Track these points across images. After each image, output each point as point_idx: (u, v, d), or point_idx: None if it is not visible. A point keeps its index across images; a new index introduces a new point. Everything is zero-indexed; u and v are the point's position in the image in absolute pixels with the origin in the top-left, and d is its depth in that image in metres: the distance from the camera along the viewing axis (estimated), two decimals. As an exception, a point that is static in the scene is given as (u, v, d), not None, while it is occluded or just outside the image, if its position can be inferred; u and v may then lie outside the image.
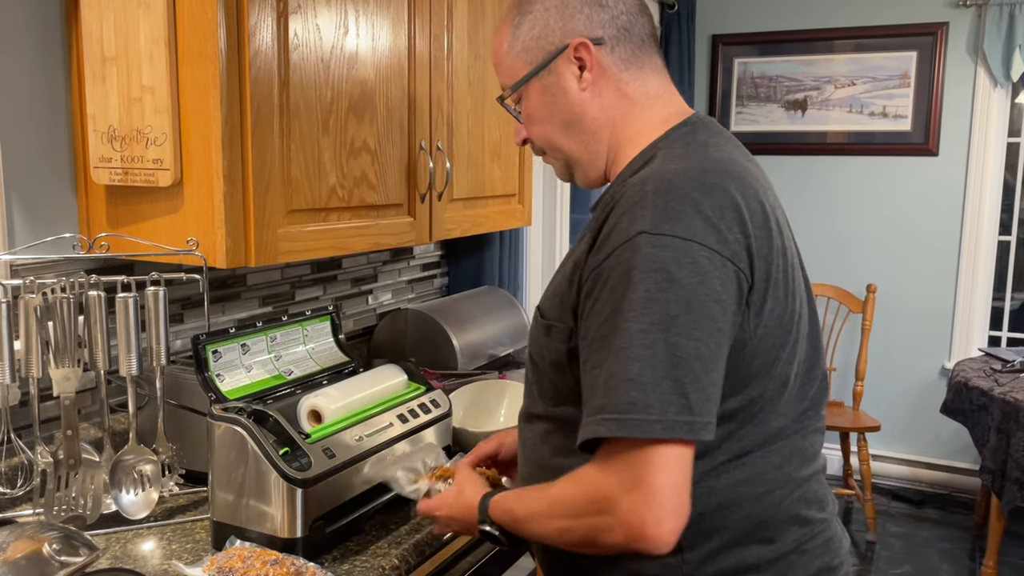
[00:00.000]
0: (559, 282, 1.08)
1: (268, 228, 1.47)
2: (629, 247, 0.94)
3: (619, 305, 0.93)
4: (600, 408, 0.93)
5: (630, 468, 0.91)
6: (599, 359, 0.95)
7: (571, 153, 1.16)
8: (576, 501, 0.98)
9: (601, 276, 0.97)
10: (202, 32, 1.37)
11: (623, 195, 1.00)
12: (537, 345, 1.11)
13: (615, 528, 0.92)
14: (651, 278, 0.92)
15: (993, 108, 3.86)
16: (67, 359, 1.39)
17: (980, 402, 3.17)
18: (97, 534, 1.39)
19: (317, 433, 1.39)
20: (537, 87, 1.14)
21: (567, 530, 0.99)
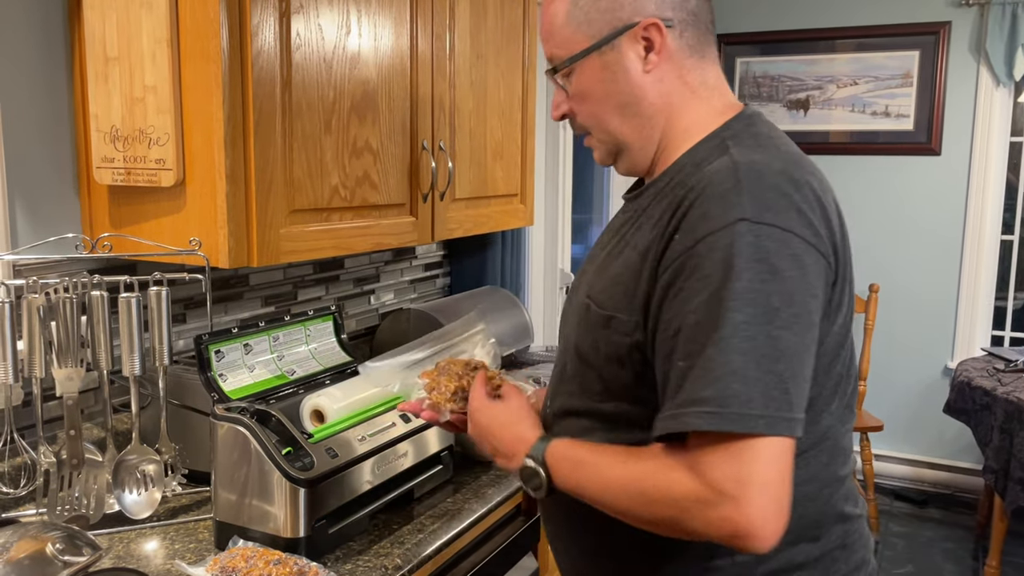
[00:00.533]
0: (619, 272, 1.03)
1: (270, 228, 1.47)
2: (727, 234, 0.91)
3: (719, 294, 0.89)
4: (696, 400, 0.88)
5: (735, 464, 0.87)
6: (691, 349, 0.90)
7: (622, 137, 1.10)
8: (670, 489, 0.91)
9: (690, 263, 0.92)
10: (204, 32, 1.37)
11: (705, 181, 0.96)
12: (589, 337, 1.05)
13: (713, 522, 0.88)
14: (754, 268, 0.89)
15: (995, 107, 3.85)
16: (70, 359, 1.40)
17: (983, 402, 3.17)
18: (100, 534, 1.39)
19: (320, 433, 1.40)
20: (596, 63, 1.07)
21: (646, 509, 0.94)
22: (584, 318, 1.07)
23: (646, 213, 1.05)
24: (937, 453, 4.14)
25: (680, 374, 0.91)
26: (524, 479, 1.07)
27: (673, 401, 0.91)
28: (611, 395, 1.05)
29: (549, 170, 3.25)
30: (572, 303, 1.16)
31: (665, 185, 1.05)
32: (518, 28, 2.19)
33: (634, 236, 1.05)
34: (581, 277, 1.17)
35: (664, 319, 0.95)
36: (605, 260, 1.09)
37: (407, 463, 1.53)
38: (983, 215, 3.93)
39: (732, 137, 1.04)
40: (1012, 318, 4.07)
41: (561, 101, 1.13)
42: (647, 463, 0.95)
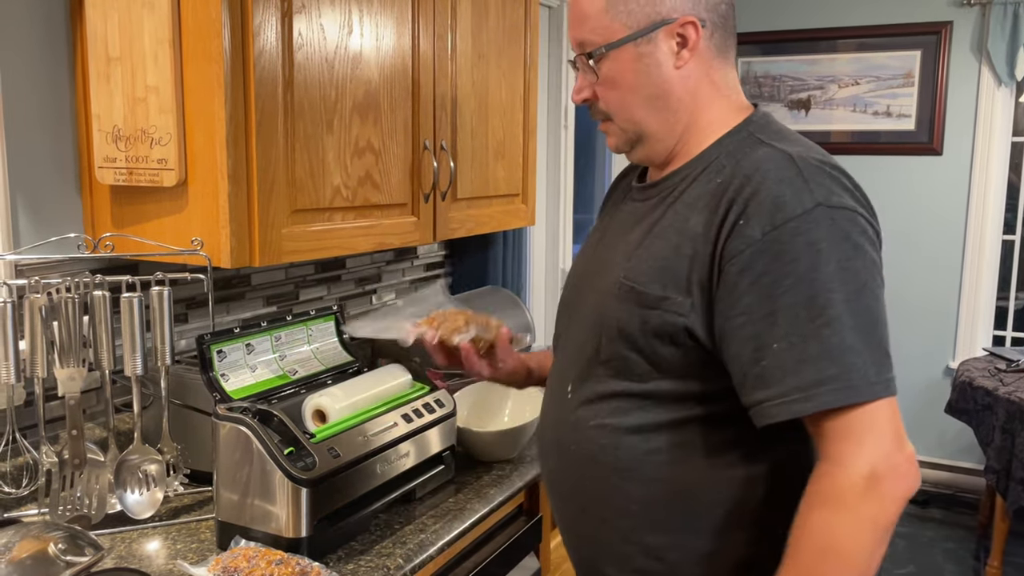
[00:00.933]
0: (665, 256, 1.07)
1: (272, 228, 1.47)
2: (808, 220, 0.97)
3: (813, 276, 0.96)
4: (824, 379, 0.95)
5: (871, 430, 0.96)
6: (796, 331, 0.96)
7: (646, 127, 1.14)
8: (849, 492, 0.96)
9: (773, 248, 0.97)
10: (206, 32, 1.37)
11: (759, 170, 1.02)
12: (636, 317, 1.07)
13: (898, 483, 0.97)
14: (840, 248, 0.97)
15: (997, 107, 3.85)
16: (72, 359, 1.40)
17: (985, 402, 3.16)
18: (102, 534, 1.39)
19: (322, 433, 1.39)
20: (632, 53, 1.10)
21: (873, 545, 0.97)
22: (626, 299, 1.09)
23: (680, 199, 1.10)
24: (938, 453, 4.14)
25: (789, 356, 0.97)
26: None
27: (787, 384, 0.97)
28: (654, 374, 1.08)
29: (550, 170, 3.25)
30: (597, 286, 1.17)
31: (699, 172, 1.10)
32: (520, 28, 2.19)
33: (672, 219, 1.09)
34: (599, 261, 1.20)
35: (743, 302, 0.99)
36: (641, 243, 1.12)
37: (409, 463, 1.53)
38: (984, 215, 3.93)
39: (759, 131, 1.10)
40: (1013, 318, 4.07)
41: (585, 86, 1.16)
42: (810, 528, 0.98)
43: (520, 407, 1.86)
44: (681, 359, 1.06)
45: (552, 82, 3.17)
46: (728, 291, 1.00)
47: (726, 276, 1.00)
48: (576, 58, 1.16)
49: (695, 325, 1.04)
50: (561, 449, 1.20)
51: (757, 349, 0.98)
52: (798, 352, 0.96)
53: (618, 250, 1.16)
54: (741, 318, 0.99)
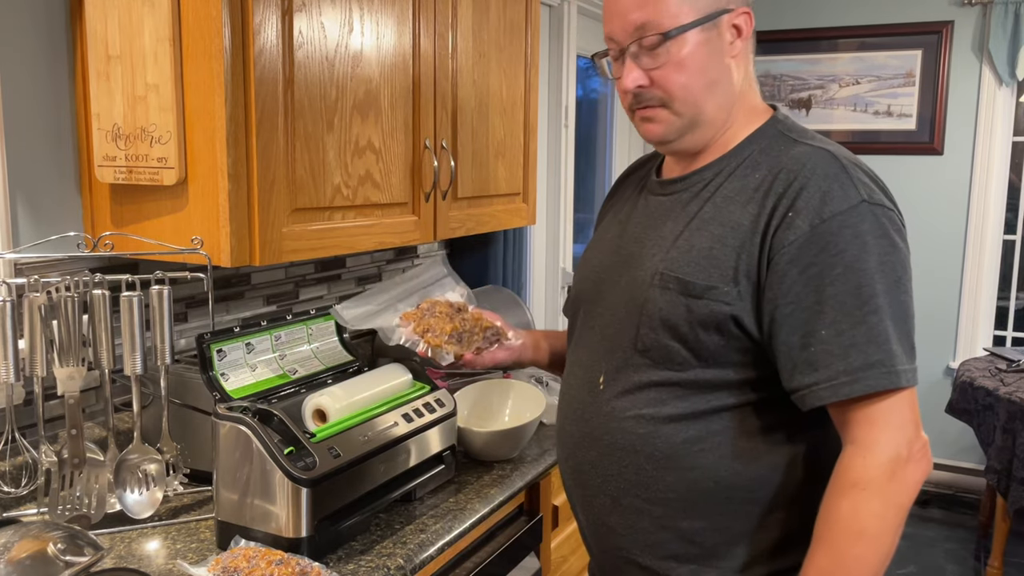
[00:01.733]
0: (709, 246, 1.10)
1: (273, 227, 1.46)
2: (854, 215, 1.03)
3: (860, 267, 1.02)
4: (872, 364, 1.01)
5: (903, 412, 1.03)
6: (842, 318, 1.02)
7: (703, 113, 1.16)
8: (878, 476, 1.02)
9: (820, 241, 1.03)
10: (207, 30, 1.37)
11: (806, 166, 1.07)
12: (680, 307, 1.10)
13: (917, 467, 1.03)
14: (882, 243, 1.04)
15: (998, 107, 3.85)
16: (71, 358, 1.39)
17: (985, 402, 3.16)
18: (101, 533, 1.39)
19: (322, 432, 1.39)
20: (700, 37, 1.13)
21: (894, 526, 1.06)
22: (669, 289, 1.12)
23: (719, 192, 1.14)
24: (939, 453, 4.14)
25: (837, 341, 1.02)
26: None
27: (834, 368, 1.02)
28: (694, 362, 1.12)
29: (551, 169, 3.24)
30: (629, 277, 1.19)
31: (735, 167, 1.14)
32: (520, 26, 2.18)
33: (713, 212, 1.13)
34: (628, 253, 1.22)
35: (793, 291, 1.04)
36: (681, 234, 1.14)
37: (409, 463, 1.52)
38: (985, 215, 3.93)
39: (787, 131, 1.16)
40: (1014, 318, 4.07)
41: (639, 73, 1.15)
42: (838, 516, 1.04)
43: (520, 407, 1.85)
44: (723, 348, 1.10)
45: (553, 81, 3.17)
46: (778, 280, 1.05)
47: (775, 266, 1.05)
48: (635, 43, 1.14)
49: (742, 314, 1.08)
50: (592, 441, 1.21)
51: (805, 335, 1.03)
52: (846, 338, 1.02)
53: (649, 243, 1.19)
54: (790, 306, 1.05)
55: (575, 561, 2.02)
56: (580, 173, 3.54)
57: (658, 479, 1.14)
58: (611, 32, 1.17)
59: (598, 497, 1.23)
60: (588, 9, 3.32)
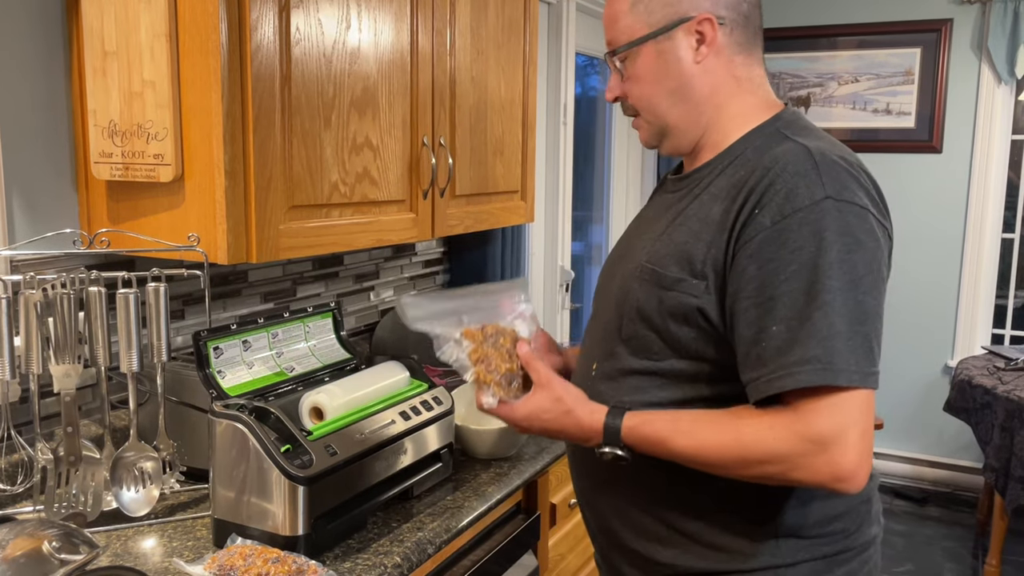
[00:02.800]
0: (685, 240, 1.13)
1: (270, 224, 1.46)
2: (815, 211, 1.02)
3: (814, 263, 1.01)
4: (808, 359, 1.00)
5: (837, 414, 1.00)
6: (792, 314, 1.01)
7: (669, 120, 1.21)
8: (776, 444, 1.02)
9: (780, 236, 1.03)
10: (203, 26, 1.36)
11: (779, 163, 1.07)
12: (654, 298, 1.13)
13: (819, 470, 1.00)
14: (842, 241, 1.02)
15: (997, 105, 3.84)
16: (68, 355, 1.39)
17: (984, 400, 3.16)
18: (97, 531, 1.38)
19: (319, 430, 1.39)
20: (652, 50, 1.18)
21: (746, 468, 1.05)
22: (646, 281, 1.15)
23: (707, 190, 1.15)
24: (937, 451, 4.14)
25: (783, 337, 1.02)
26: (603, 457, 1.14)
27: (777, 362, 1.01)
28: (669, 353, 1.14)
29: (549, 167, 3.24)
30: (622, 270, 1.23)
31: (727, 165, 1.16)
32: (519, 24, 2.18)
33: (697, 208, 1.15)
34: (629, 247, 1.27)
35: (750, 286, 1.05)
36: (665, 230, 1.18)
37: (406, 460, 1.52)
38: (984, 213, 3.93)
39: (786, 127, 1.16)
40: (1012, 316, 4.07)
41: (615, 85, 1.24)
42: (745, 428, 1.04)
43: (518, 405, 1.85)
44: (694, 340, 1.11)
45: (551, 79, 3.16)
46: (738, 275, 1.06)
47: (737, 261, 1.06)
48: (606, 58, 1.23)
49: (708, 307, 1.09)
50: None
51: (759, 331, 1.04)
52: (792, 333, 1.01)
53: (644, 238, 1.23)
54: (746, 301, 1.05)
55: (573, 559, 2.01)
56: (578, 171, 3.53)
57: (642, 465, 1.15)
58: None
59: (589, 480, 1.28)
60: (587, 7, 3.31)
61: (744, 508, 1.14)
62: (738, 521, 1.15)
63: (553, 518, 1.89)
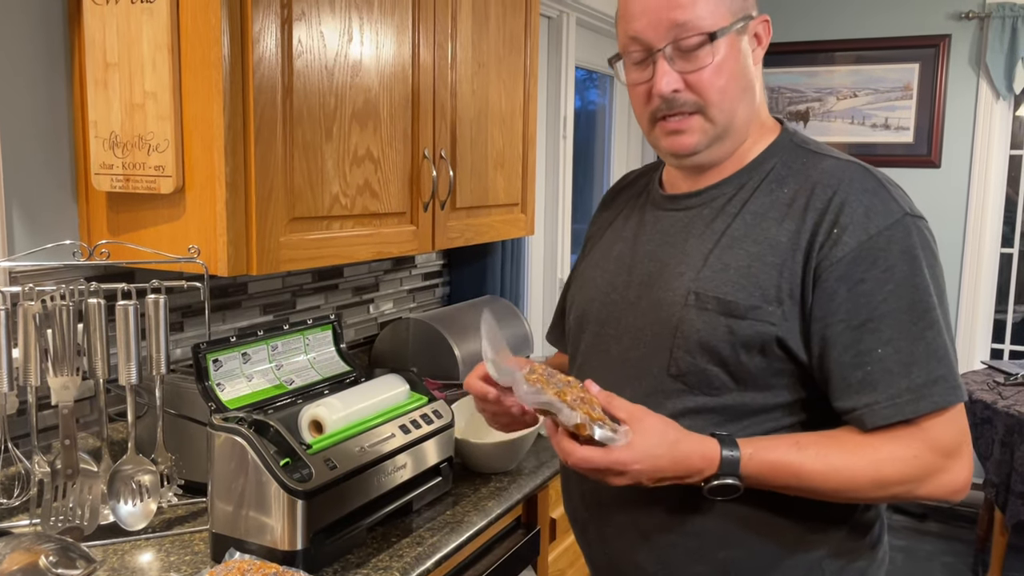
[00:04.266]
0: (747, 265, 1.05)
1: (270, 236, 1.45)
2: (900, 228, 1.02)
3: (912, 283, 1.00)
4: (937, 379, 0.99)
5: (957, 429, 1.02)
6: (893, 334, 1.00)
7: (736, 120, 1.10)
8: (915, 462, 1.01)
9: (869, 256, 1.01)
10: (205, 38, 1.36)
11: (838, 181, 1.05)
12: (718, 330, 1.05)
13: (945, 484, 1.02)
14: (928, 257, 1.03)
15: (995, 120, 3.86)
16: (66, 367, 1.38)
17: (983, 415, 3.15)
18: (94, 545, 1.37)
19: (318, 444, 1.38)
20: (735, 42, 1.08)
21: (877, 491, 1.03)
22: (707, 310, 1.06)
23: (746, 208, 1.09)
24: (936, 466, 4.12)
25: (894, 359, 1.00)
26: (712, 493, 1.04)
27: (897, 385, 0.99)
28: (732, 386, 1.07)
29: (549, 180, 3.24)
30: (655, 297, 1.11)
31: (758, 182, 1.10)
32: (519, 38, 2.18)
33: (745, 229, 1.08)
34: (647, 272, 1.15)
35: (842, 309, 1.01)
36: (711, 252, 1.09)
37: (406, 475, 1.51)
38: (983, 228, 3.93)
39: (803, 143, 1.13)
40: (1012, 331, 4.07)
41: (670, 77, 1.07)
42: (879, 448, 1.01)
43: (518, 418, 1.84)
44: (764, 370, 1.05)
45: (551, 92, 3.17)
46: (827, 299, 1.02)
47: (823, 284, 1.02)
48: (671, 44, 1.06)
49: (786, 335, 1.04)
50: None
51: (859, 354, 1.01)
52: (905, 355, 1.00)
53: (673, 261, 1.12)
54: (841, 325, 1.01)
55: (573, 574, 2.00)
56: (578, 184, 3.54)
57: (694, 512, 1.09)
58: (638, 32, 1.08)
59: (626, 533, 1.17)
60: (587, 21, 3.32)
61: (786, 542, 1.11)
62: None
63: (553, 533, 1.88)
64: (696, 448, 1.01)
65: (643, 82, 1.10)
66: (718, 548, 1.11)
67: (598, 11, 3.29)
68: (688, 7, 1.05)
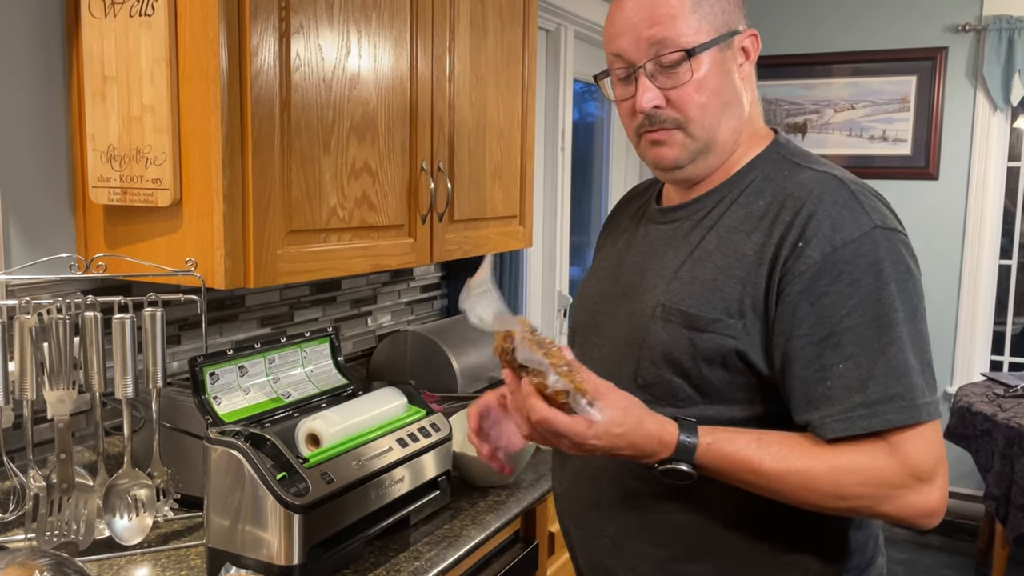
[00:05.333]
0: (713, 278, 1.05)
1: (267, 249, 1.45)
2: (867, 241, 0.99)
3: (877, 296, 0.98)
4: (891, 397, 0.96)
5: (929, 448, 0.98)
6: (861, 350, 0.97)
7: (718, 135, 1.10)
8: (877, 475, 0.97)
9: (833, 269, 0.98)
10: (203, 52, 1.36)
11: (813, 192, 1.03)
12: (680, 342, 1.05)
13: (912, 504, 0.99)
14: (898, 271, 0.99)
15: (993, 132, 3.87)
16: (62, 381, 1.37)
17: (984, 427, 3.15)
18: (90, 560, 1.36)
19: (315, 457, 1.37)
20: (717, 58, 1.08)
21: (835, 500, 0.99)
22: (671, 322, 1.07)
23: (721, 221, 1.09)
24: (937, 479, 4.11)
25: (853, 374, 0.97)
26: (667, 478, 1.02)
27: (852, 400, 0.97)
28: (697, 399, 1.06)
29: (548, 192, 3.24)
30: (629, 309, 1.13)
31: (737, 194, 1.10)
32: (517, 50, 2.19)
33: (717, 242, 1.07)
34: (629, 284, 1.15)
35: (805, 324, 0.99)
36: (682, 265, 1.10)
37: (404, 488, 1.50)
38: (981, 239, 3.93)
39: (790, 155, 1.12)
40: (1011, 343, 4.06)
41: (652, 93, 1.08)
42: (841, 456, 0.98)
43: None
44: (727, 384, 1.05)
45: (549, 104, 3.18)
46: (789, 313, 1.00)
47: (786, 298, 1.01)
48: (652, 60, 1.08)
49: (747, 348, 1.03)
50: (592, 479, 1.16)
51: (821, 369, 0.99)
52: (864, 370, 0.97)
53: (650, 273, 1.14)
54: (803, 339, 1.00)
55: (571, 588, 1.99)
56: (577, 196, 3.54)
57: (662, 521, 1.09)
58: (621, 49, 1.10)
59: (598, 538, 1.17)
60: (585, 34, 3.33)
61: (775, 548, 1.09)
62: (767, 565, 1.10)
63: (552, 547, 1.87)
64: (655, 431, 1.00)
65: (628, 98, 1.12)
66: (688, 561, 1.10)
67: (596, 24, 3.31)
68: (668, 24, 1.07)
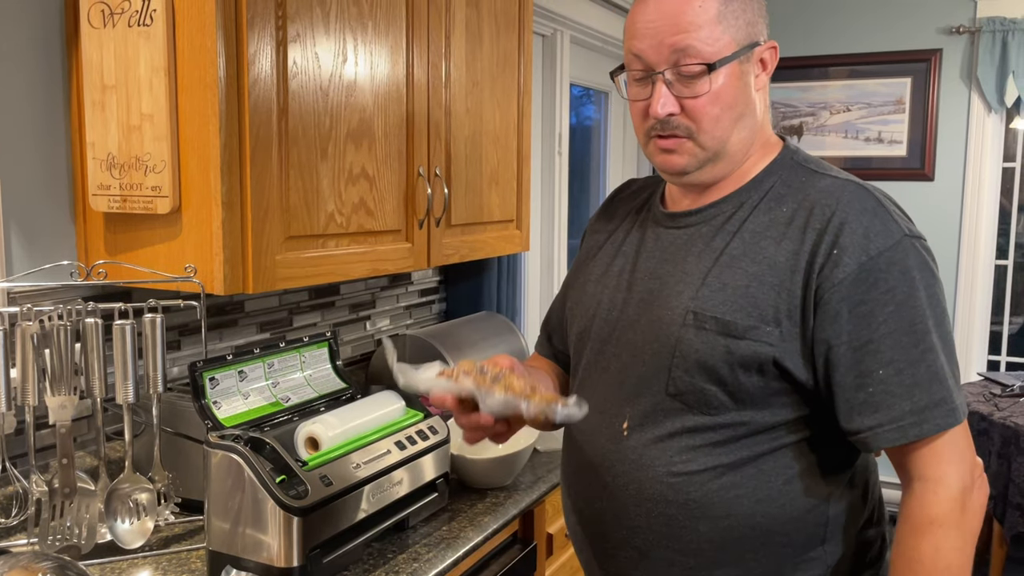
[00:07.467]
0: (745, 284, 1.06)
1: (266, 254, 1.47)
2: (899, 250, 1.02)
3: (911, 304, 1.02)
4: (936, 403, 1.01)
5: (967, 448, 1.04)
6: (900, 356, 1.01)
7: (730, 146, 1.11)
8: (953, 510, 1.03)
9: (869, 278, 1.01)
10: (202, 60, 1.38)
11: (837, 201, 1.05)
12: (716, 350, 1.05)
13: (981, 493, 1.05)
14: (925, 278, 1.04)
15: (988, 133, 3.88)
16: (63, 387, 1.39)
17: (980, 427, 3.16)
18: (92, 564, 1.37)
19: (314, 460, 1.38)
20: (736, 70, 1.09)
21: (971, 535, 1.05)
22: (705, 329, 1.06)
23: (744, 227, 1.10)
24: (935, 478, 4.11)
25: (894, 381, 1.01)
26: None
27: (898, 408, 1.01)
28: (731, 406, 1.07)
29: (545, 196, 3.26)
30: (653, 316, 1.12)
31: (757, 200, 1.11)
32: (513, 56, 2.20)
33: (743, 248, 1.08)
34: (647, 290, 1.15)
35: (845, 331, 1.02)
36: (710, 271, 1.09)
37: (402, 491, 1.52)
38: (977, 240, 3.95)
39: (804, 161, 1.14)
40: (1008, 343, 4.08)
41: (667, 100, 1.09)
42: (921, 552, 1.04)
43: (515, 435, 1.84)
44: (762, 390, 1.06)
45: (546, 109, 3.19)
46: (830, 320, 1.02)
47: (825, 305, 1.02)
48: (671, 68, 1.07)
49: (784, 355, 1.04)
50: (615, 491, 1.14)
51: (861, 375, 1.02)
52: (907, 376, 1.01)
53: (672, 280, 1.13)
54: (843, 346, 1.02)
55: (570, 590, 2.00)
56: (574, 199, 3.55)
57: (690, 528, 1.09)
58: (641, 51, 1.09)
59: (622, 550, 1.16)
60: (581, 39, 3.35)
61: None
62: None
63: (550, 548, 1.88)
64: None
65: (642, 99, 1.12)
66: (716, 566, 1.11)
67: (592, 29, 3.32)
68: (692, 32, 1.06)
